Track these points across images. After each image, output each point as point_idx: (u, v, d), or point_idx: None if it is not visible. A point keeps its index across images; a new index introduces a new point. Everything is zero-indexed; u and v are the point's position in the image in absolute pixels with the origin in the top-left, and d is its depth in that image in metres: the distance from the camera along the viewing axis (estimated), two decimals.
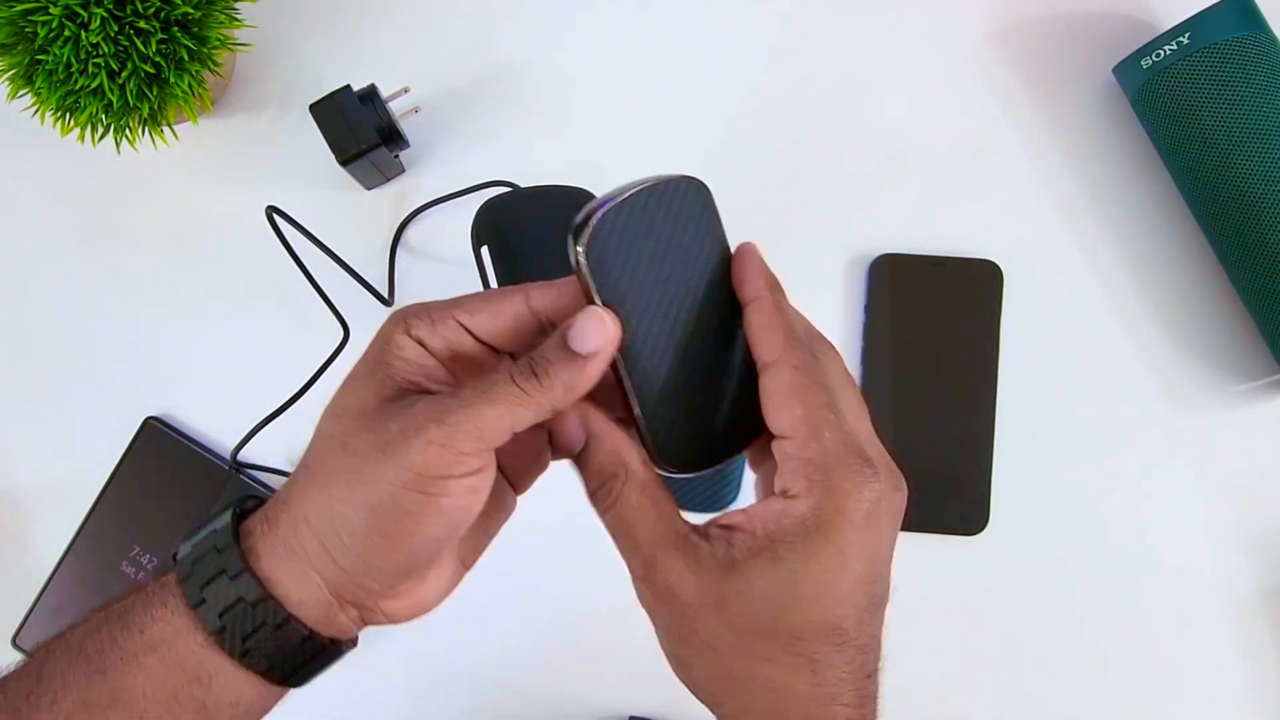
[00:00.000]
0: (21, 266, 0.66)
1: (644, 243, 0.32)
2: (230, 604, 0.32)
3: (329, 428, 0.33)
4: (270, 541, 0.33)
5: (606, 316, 0.32)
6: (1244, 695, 0.60)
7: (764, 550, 0.31)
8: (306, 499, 0.32)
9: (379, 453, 0.31)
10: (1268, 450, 0.61)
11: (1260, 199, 0.57)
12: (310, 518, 0.32)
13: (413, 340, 0.33)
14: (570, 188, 0.55)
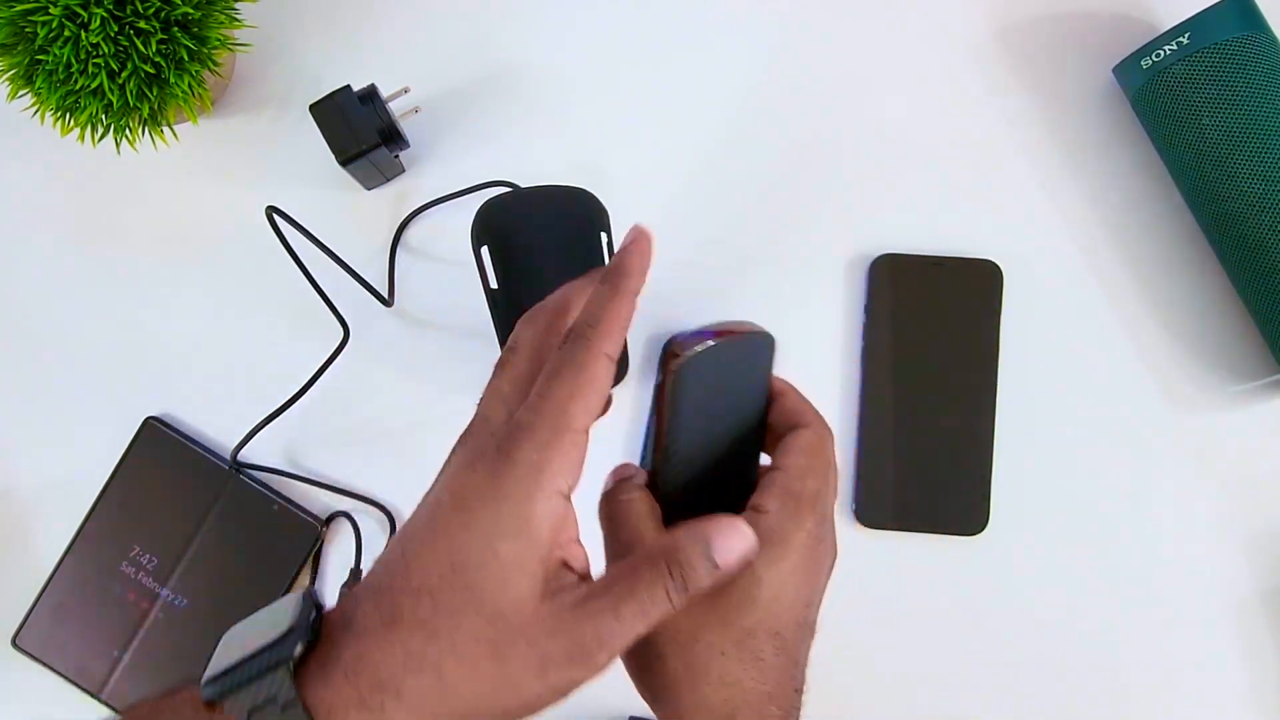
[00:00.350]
0: (21, 266, 0.66)
1: (717, 377, 0.37)
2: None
3: (479, 631, 0.31)
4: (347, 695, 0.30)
5: (747, 530, 0.34)
6: (1244, 695, 0.60)
7: None
8: (441, 698, 0.31)
9: (538, 676, 0.31)
10: (1268, 450, 0.61)
11: (1260, 199, 0.57)
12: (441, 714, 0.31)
13: (558, 496, 0.33)
14: (570, 188, 0.55)
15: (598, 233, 0.56)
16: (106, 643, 0.62)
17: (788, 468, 0.37)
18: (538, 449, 0.32)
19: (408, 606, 0.31)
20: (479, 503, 0.32)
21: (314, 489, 0.63)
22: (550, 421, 0.33)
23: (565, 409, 0.33)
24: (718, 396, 0.38)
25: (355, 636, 0.31)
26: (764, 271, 0.64)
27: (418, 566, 0.32)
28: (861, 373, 0.62)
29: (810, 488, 0.36)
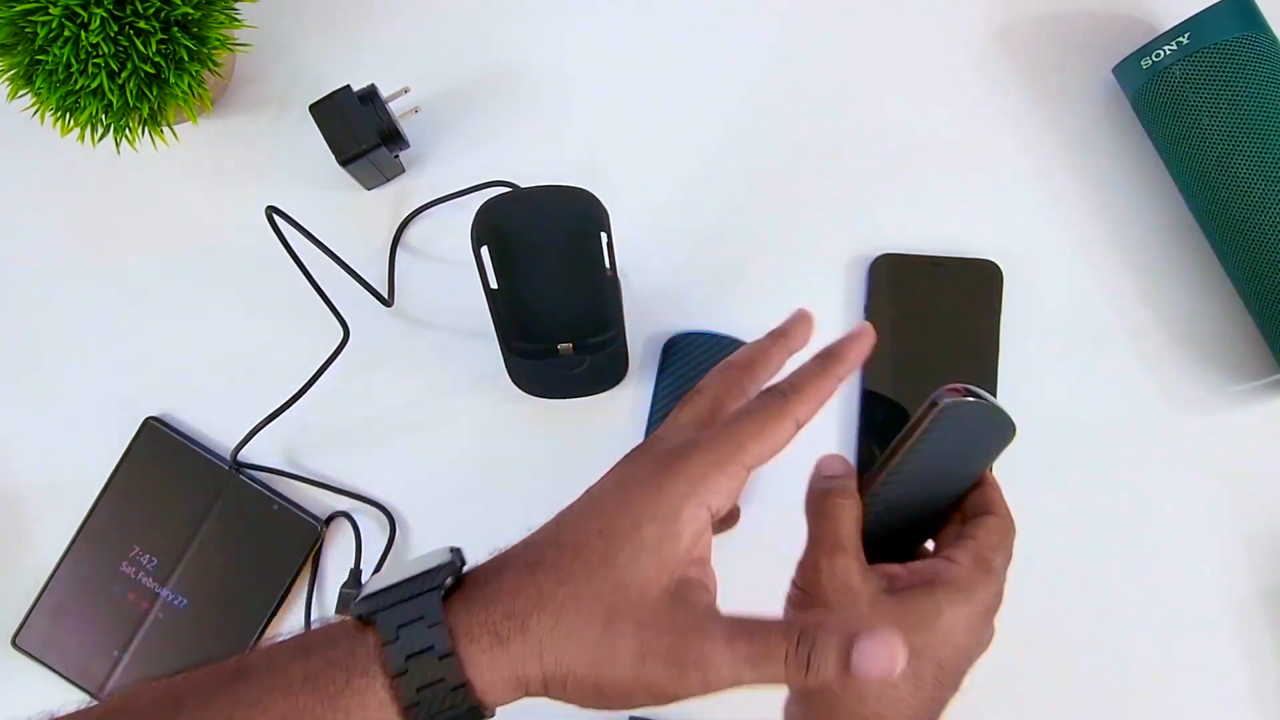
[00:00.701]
0: (21, 266, 0.66)
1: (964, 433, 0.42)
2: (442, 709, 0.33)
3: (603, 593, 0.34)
4: (494, 656, 0.34)
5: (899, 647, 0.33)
6: (1244, 695, 0.60)
7: (920, 587, 0.40)
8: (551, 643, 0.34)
9: (633, 657, 0.34)
10: (1268, 450, 0.61)
11: (1260, 199, 0.57)
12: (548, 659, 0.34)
13: (705, 512, 0.36)
14: (570, 188, 0.55)
15: (598, 233, 0.56)
16: (106, 643, 0.62)
17: (980, 539, 0.42)
18: (705, 464, 0.36)
19: (551, 556, 0.35)
20: (639, 488, 0.36)
21: (314, 489, 0.63)
22: (727, 447, 0.37)
23: (744, 443, 0.37)
24: (953, 449, 0.43)
25: (499, 573, 0.35)
26: (764, 271, 0.64)
27: (569, 528, 0.36)
28: (861, 373, 0.62)
29: (998, 563, 0.42)
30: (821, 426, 0.62)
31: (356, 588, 0.61)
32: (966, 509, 0.44)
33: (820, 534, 0.41)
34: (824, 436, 0.63)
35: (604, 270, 0.56)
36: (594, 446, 0.63)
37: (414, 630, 0.34)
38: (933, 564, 0.41)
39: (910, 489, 0.43)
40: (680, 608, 0.35)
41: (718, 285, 0.64)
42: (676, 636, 0.34)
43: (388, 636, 0.34)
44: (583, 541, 0.35)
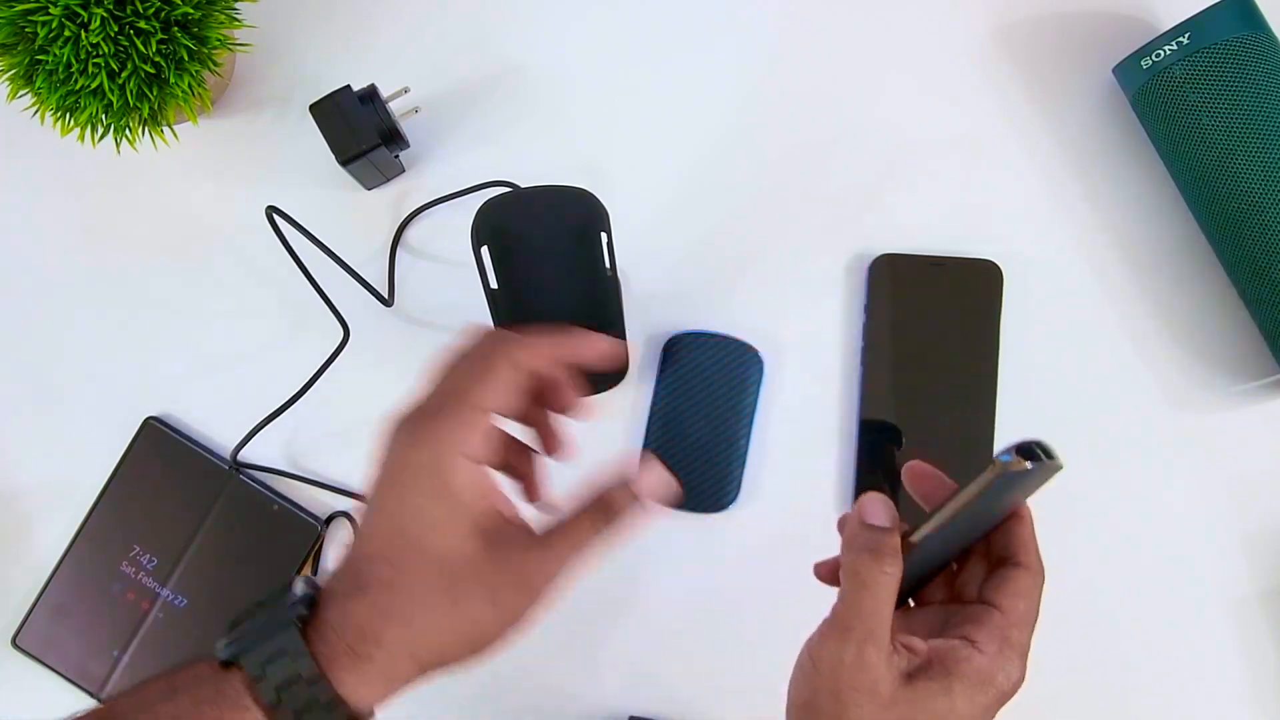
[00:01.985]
0: (21, 266, 0.66)
1: (1009, 488, 0.40)
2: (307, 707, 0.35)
3: (432, 581, 0.37)
4: (362, 674, 0.36)
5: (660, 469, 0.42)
6: (1244, 695, 0.60)
7: (939, 679, 0.38)
8: (413, 643, 0.37)
9: (491, 605, 0.38)
10: (1268, 450, 0.61)
11: (1260, 199, 0.57)
12: (419, 656, 0.37)
13: (467, 462, 0.39)
14: (570, 188, 0.55)
15: (598, 233, 0.56)
16: (106, 643, 0.62)
17: (1009, 611, 0.40)
18: (440, 426, 0.39)
19: (368, 571, 0.38)
20: (406, 476, 0.39)
21: (314, 489, 0.63)
22: (452, 403, 0.39)
23: (466, 392, 0.40)
24: (1002, 500, 0.42)
25: (335, 602, 0.37)
26: (764, 271, 0.64)
27: (369, 538, 0.39)
28: (861, 373, 0.62)
29: (1024, 639, 0.41)
30: (821, 452, 0.62)
31: None
32: (995, 547, 0.43)
33: (854, 612, 0.39)
34: (824, 466, 0.63)
35: (604, 271, 0.56)
36: (595, 447, 0.63)
37: (279, 664, 0.36)
38: (955, 649, 0.39)
39: (948, 537, 0.41)
40: (498, 545, 0.38)
41: (718, 285, 0.64)
42: (513, 569, 0.38)
43: (255, 673, 0.35)
44: (387, 549, 0.38)
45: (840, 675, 0.38)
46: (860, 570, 0.39)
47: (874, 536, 0.39)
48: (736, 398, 0.61)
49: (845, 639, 0.38)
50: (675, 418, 0.62)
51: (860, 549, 0.39)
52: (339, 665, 0.36)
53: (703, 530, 0.62)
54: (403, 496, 0.39)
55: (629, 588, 0.62)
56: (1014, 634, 0.40)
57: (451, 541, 0.38)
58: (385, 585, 0.37)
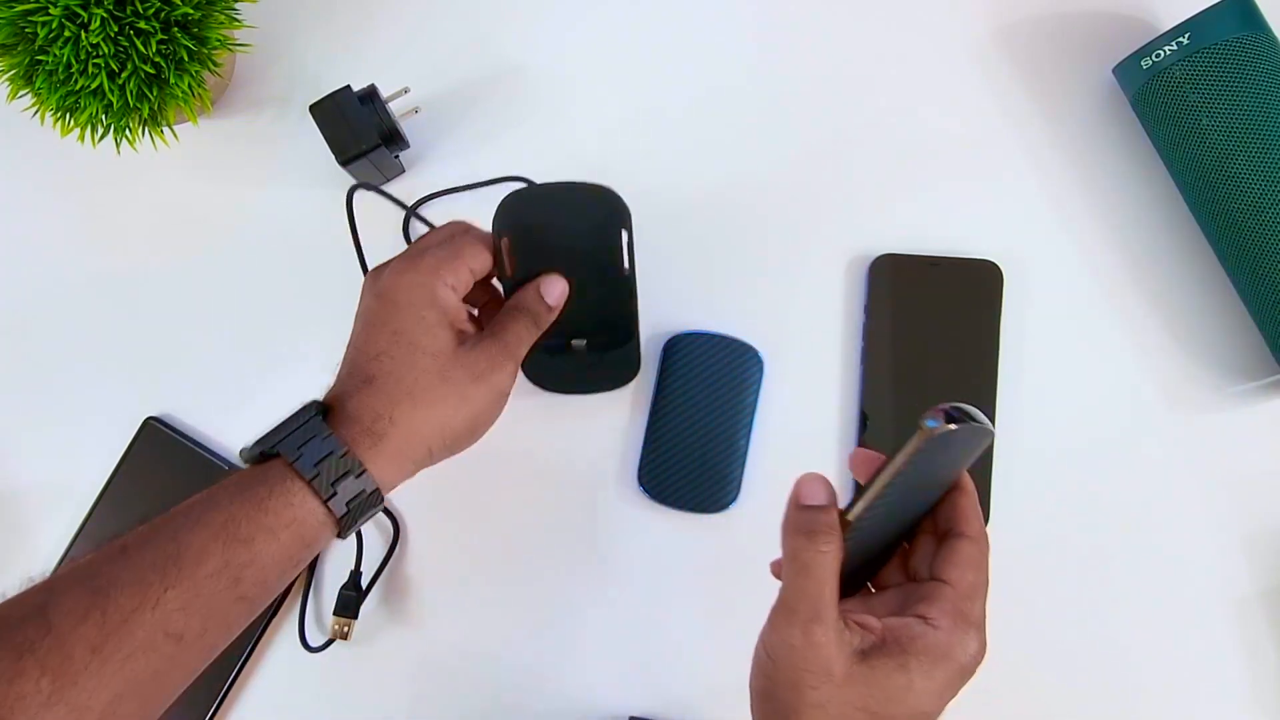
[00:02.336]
0: (21, 266, 0.66)
1: (944, 455, 0.40)
2: (355, 495, 0.44)
3: (426, 364, 0.47)
4: (380, 449, 0.45)
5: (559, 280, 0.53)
6: (1244, 695, 0.60)
7: (895, 656, 0.38)
8: (419, 418, 0.46)
9: (475, 380, 0.48)
10: (1268, 450, 0.61)
11: (1260, 199, 0.57)
12: (423, 431, 0.46)
13: (450, 289, 0.49)
14: (596, 186, 0.54)
15: (619, 230, 0.55)
16: None
17: (957, 583, 0.41)
18: (437, 259, 0.49)
19: (375, 367, 0.47)
20: (401, 293, 0.48)
21: None
22: (445, 249, 0.50)
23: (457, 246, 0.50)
24: (937, 467, 0.41)
25: (348, 396, 0.46)
26: (764, 271, 0.64)
27: (371, 342, 0.48)
28: (861, 373, 0.62)
29: (977, 611, 0.41)
30: (820, 452, 0.63)
31: (357, 589, 0.61)
32: (940, 521, 0.43)
33: (798, 596, 0.39)
34: (824, 466, 0.63)
35: (622, 269, 0.56)
36: (595, 447, 0.63)
37: (312, 445, 0.43)
38: (909, 626, 0.39)
39: (890, 512, 0.41)
40: (473, 340, 0.49)
41: (718, 285, 0.64)
42: (486, 351, 0.48)
43: (291, 456, 0.43)
44: (389, 347, 0.47)
45: (792, 660, 0.38)
46: (798, 552, 0.39)
47: (808, 517, 0.39)
48: (736, 398, 0.62)
49: (791, 622, 0.38)
50: (675, 418, 0.62)
51: (796, 531, 0.39)
52: (360, 445, 0.44)
53: (703, 530, 0.62)
54: (401, 306, 0.47)
55: (629, 588, 0.62)
56: (966, 607, 0.40)
57: (440, 339, 0.47)
58: (389, 375, 0.46)
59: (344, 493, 0.44)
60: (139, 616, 0.38)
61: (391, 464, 0.45)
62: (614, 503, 0.62)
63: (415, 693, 0.62)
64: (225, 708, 0.61)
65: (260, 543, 0.42)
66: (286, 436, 0.44)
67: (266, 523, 0.42)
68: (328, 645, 0.61)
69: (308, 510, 0.43)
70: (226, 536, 0.41)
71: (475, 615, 0.62)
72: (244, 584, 0.41)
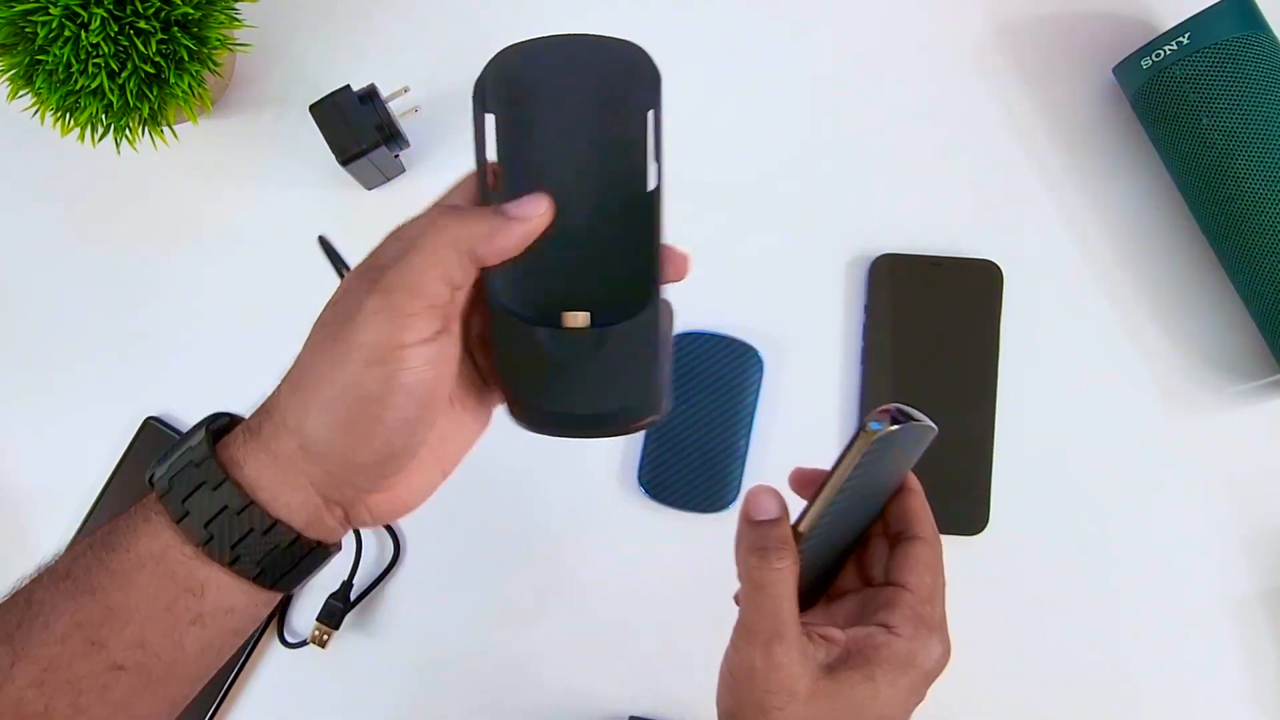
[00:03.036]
0: (20, 266, 0.66)
1: (891, 457, 0.40)
2: (215, 513, 0.33)
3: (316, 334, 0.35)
4: (253, 449, 0.34)
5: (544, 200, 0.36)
6: (1244, 695, 0.60)
7: (859, 667, 0.37)
8: (285, 405, 0.34)
9: (333, 342, 0.33)
10: (1268, 450, 0.61)
11: (1260, 199, 0.57)
12: (289, 421, 0.34)
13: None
14: (613, 40, 0.40)
15: (644, 110, 0.37)
16: None
17: (916, 588, 0.40)
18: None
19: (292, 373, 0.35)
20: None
21: None
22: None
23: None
24: (884, 470, 0.40)
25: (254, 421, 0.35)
26: (764, 271, 0.64)
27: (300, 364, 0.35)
28: (861, 373, 0.62)
29: (937, 614, 0.40)
30: (820, 452, 0.62)
31: (344, 601, 0.61)
32: (891, 523, 0.42)
33: (756, 615, 0.38)
34: (823, 458, 0.63)
35: (644, 180, 0.37)
36: (596, 447, 0.63)
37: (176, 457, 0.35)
38: (872, 636, 0.38)
39: (842, 519, 0.40)
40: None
41: (718, 285, 0.64)
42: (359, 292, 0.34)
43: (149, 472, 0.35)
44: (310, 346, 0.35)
45: (755, 681, 0.37)
46: (752, 571, 0.38)
47: (760, 533, 0.38)
48: (736, 398, 0.62)
49: (752, 643, 0.37)
50: (675, 418, 0.62)
51: (749, 550, 0.38)
52: (230, 449, 0.35)
53: (703, 530, 0.62)
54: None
55: (629, 588, 0.62)
56: (926, 611, 0.39)
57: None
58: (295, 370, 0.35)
59: (198, 511, 0.33)
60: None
61: (264, 468, 0.34)
62: (614, 503, 0.62)
63: (417, 691, 0.62)
64: (225, 707, 0.61)
65: (113, 591, 0.33)
66: (165, 452, 0.35)
67: (117, 564, 0.33)
68: (301, 646, 0.61)
69: (164, 541, 0.33)
70: (71, 588, 0.33)
71: (475, 614, 0.62)
72: (111, 649, 0.33)
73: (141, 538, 0.34)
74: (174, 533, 0.33)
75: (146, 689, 0.34)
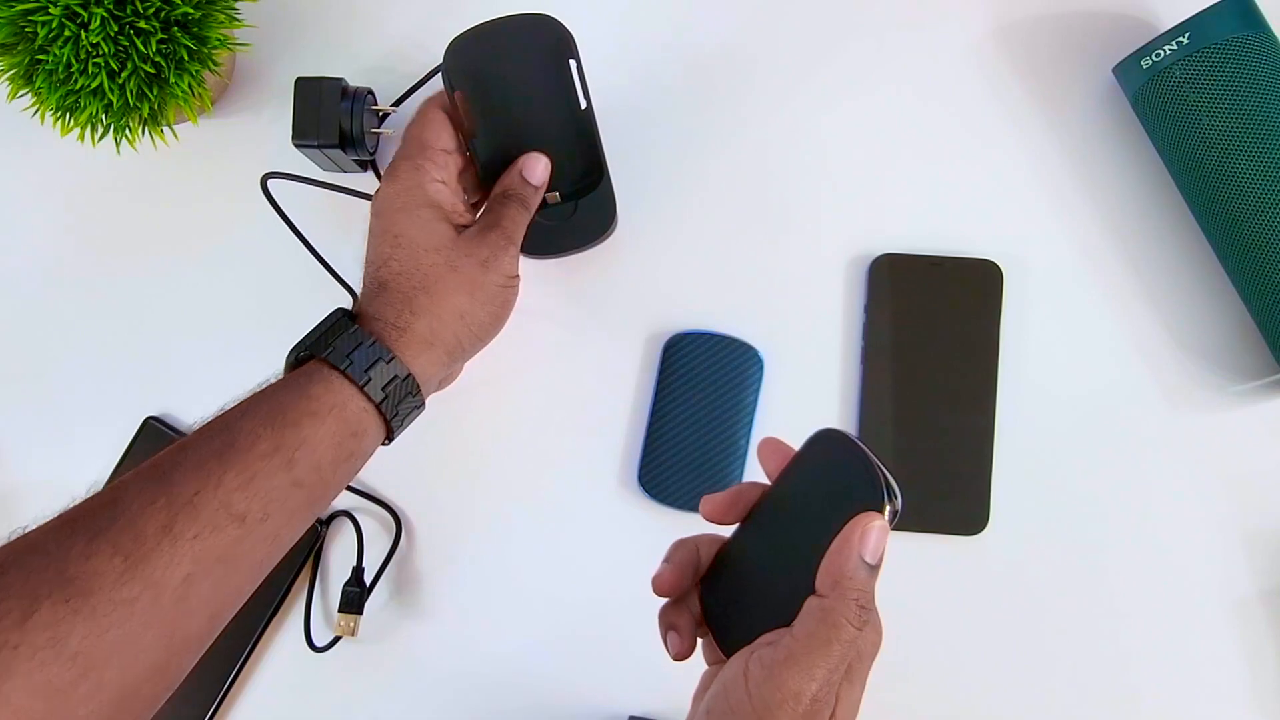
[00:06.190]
0: (20, 266, 0.66)
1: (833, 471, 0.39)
2: (389, 380, 0.46)
3: (433, 259, 0.49)
4: (407, 339, 0.48)
5: (539, 160, 0.54)
6: (1244, 695, 0.60)
7: None
8: (437, 308, 0.49)
9: (483, 267, 0.50)
10: (1268, 450, 0.61)
11: (1260, 199, 0.57)
12: (445, 318, 0.49)
13: (437, 184, 0.51)
14: (533, 15, 0.54)
15: (567, 61, 0.54)
16: None
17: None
18: (411, 161, 0.52)
19: (385, 273, 0.49)
20: (392, 201, 0.51)
21: None
22: (415, 145, 0.52)
23: (422, 137, 0.52)
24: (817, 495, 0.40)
25: (367, 303, 0.49)
26: (764, 271, 0.64)
27: (377, 253, 0.50)
28: (861, 373, 0.62)
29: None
30: None
31: (360, 585, 0.61)
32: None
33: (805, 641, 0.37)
34: None
35: (579, 105, 0.54)
36: (595, 446, 0.63)
37: (341, 341, 0.46)
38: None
39: (778, 534, 0.40)
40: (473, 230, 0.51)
41: (718, 285, 0.64)
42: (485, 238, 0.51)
43: (324, 352, 0.46)
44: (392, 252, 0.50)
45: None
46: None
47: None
48: (736, 397, 0.62)
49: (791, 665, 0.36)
50: (675, 417, 0.62)
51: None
52: (387, 338, 0.47)
53: (702, 530, 0.62)
54: (394, 214, 0.50)
55: (628, 588, 0.62)
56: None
57: (441, 232, 0.50)
58: (401, 275, 0.49)
59: (378, 378, 0.46)
60: (202, 498, 0.40)
61: (421, 353, 0.48)
62: (614, 503, 0.62)
63: (414, 692, 0.62)
64: (226, 707, 0.61)
65: (307, 426, 0.44)
66: (318, 338, 0.47)
67: (310, 407, 0.44)
68: (335, 643, 0.61)
69: (347, 395, 0.45)
70: (275, 422, 0.43)
71: (474, 616, 0.62)
72: (298, 467, 0.43)
73: (332, 392, 0.45)
74: (355, 391, 0.45)
75: (309, 505, 0.44)
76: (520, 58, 0.54)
